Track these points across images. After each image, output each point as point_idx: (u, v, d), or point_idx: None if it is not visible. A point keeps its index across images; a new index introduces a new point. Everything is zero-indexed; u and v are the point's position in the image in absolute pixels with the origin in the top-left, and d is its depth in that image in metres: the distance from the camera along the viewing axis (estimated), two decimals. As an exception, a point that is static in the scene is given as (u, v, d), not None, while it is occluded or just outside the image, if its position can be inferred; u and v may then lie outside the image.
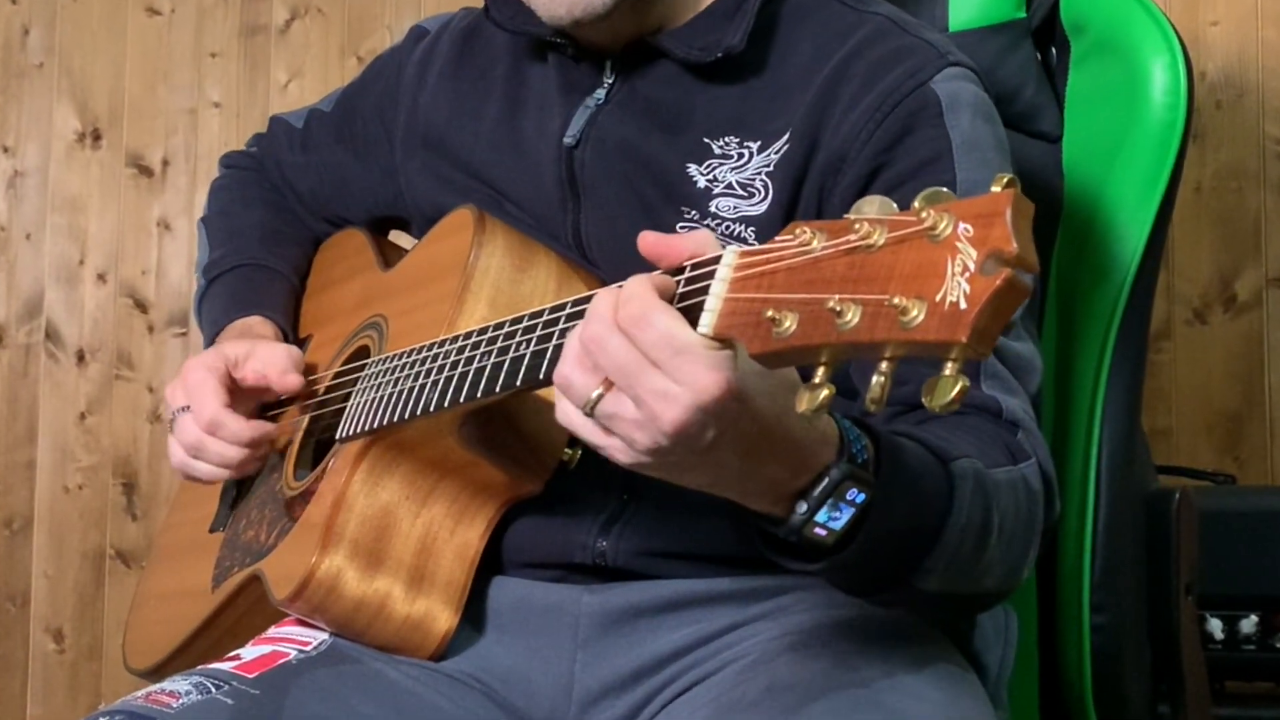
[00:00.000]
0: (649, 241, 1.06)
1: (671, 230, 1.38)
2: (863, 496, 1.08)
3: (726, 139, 1.40)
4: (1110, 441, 1.62)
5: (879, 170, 1.35)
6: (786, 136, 1.38)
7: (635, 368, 1.01)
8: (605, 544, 1.38)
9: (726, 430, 1.02)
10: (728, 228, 1.38)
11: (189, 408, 1.51)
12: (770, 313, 0.91)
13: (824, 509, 1.08)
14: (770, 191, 1.38)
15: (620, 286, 1.05)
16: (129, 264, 3.01)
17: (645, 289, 1.02)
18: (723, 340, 0.98)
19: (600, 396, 1.02)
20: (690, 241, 1.04)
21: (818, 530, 1.09)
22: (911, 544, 1.14)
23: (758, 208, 1.38)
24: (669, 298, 1.03)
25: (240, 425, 1.51)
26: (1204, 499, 1.79)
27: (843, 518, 1.08)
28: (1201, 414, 2.47)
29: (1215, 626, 2.00)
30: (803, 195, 1.38)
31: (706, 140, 1.41)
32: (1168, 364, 2.47)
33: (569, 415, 1.07)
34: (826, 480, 1.07)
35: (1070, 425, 1.65)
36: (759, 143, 1.39)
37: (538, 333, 1.18)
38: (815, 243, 0.92)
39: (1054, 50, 1.74)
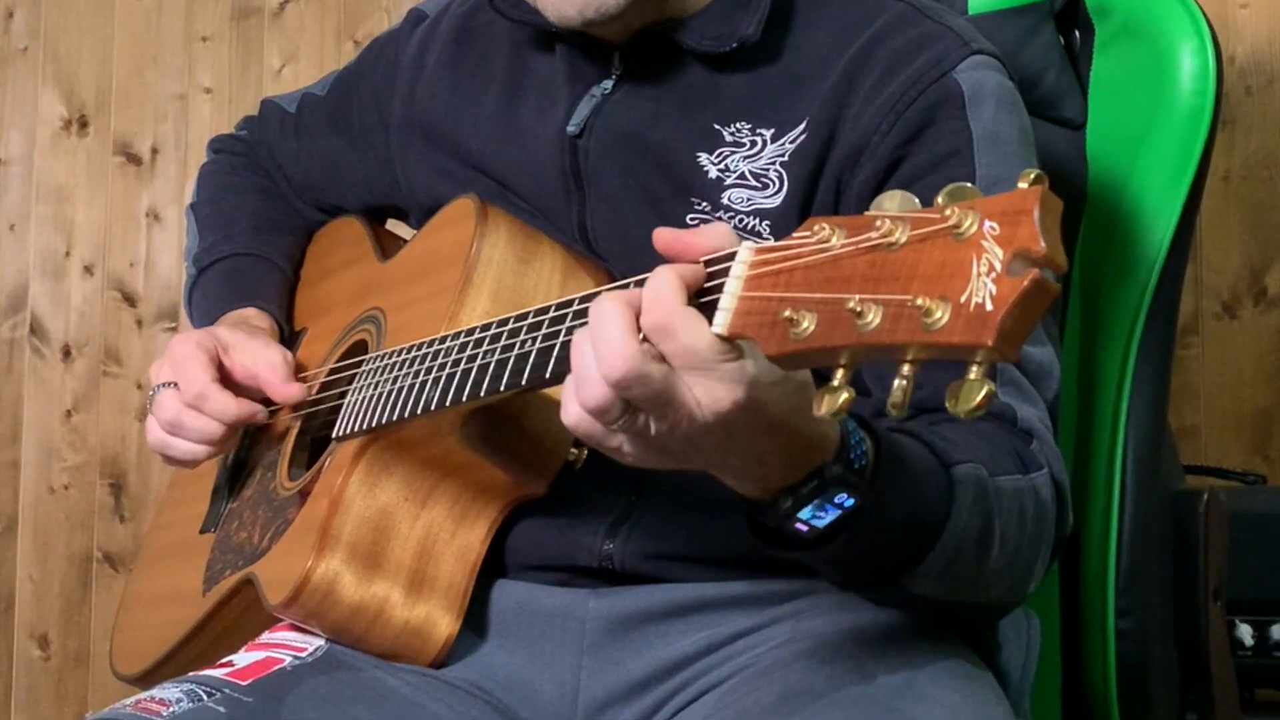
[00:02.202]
0: (665, 238, 1.06)
1: (681, 223, 1.38)
2: (851, 501, 1.09)
3: (738, 125, 1.40)
4: (1136, 440, 1.62)
5: (898, 163, 1.35)
6: (803, 126, 1.38)
7: (666, 396, 1.01)
8: (612, 546, 1.38)
9: (734, 434, 1.03)
10: (741, 220, 1.38)
11: (174, 384, 1.50)
12: (788, 312, 0.91)
13: (809, 507, 1.09)
14: (785, 183, 1.38)
15: (638, 284, 1.05)
16: (117, 256, 3.01)
17: (671, 292, 1.01)
18: (738, 339, 0.98)
19: (624, 412, 1.03)
20: (708, 238, 1.04)
21: (799, 525, 1.10)
22: (903, 547, 1.15)
23: (772, 200, 1.38)
24: (696, 288, 1.02)
25: (227, 401, 1.49)
26: (1233, 500, 1.78)
27: (826, 518, 1.09)
28: (1230, 411, 2.47)
29: (1245, 632, 2.00)
30: (819, 188, 1.37)
31: (717, 127, 1.41)
32: (1195, 359, 2.48)
33: (573, 417, 1.07)
34: (815, 481, 1.08)
35: (1094, 423, 1.65)
36: (772, 130, 1.39)
37: (544, 329, 1.18)
38: (835, 240, 0.92)
39: (1077, 34, 1.74)
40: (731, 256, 0.99)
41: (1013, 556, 1.23)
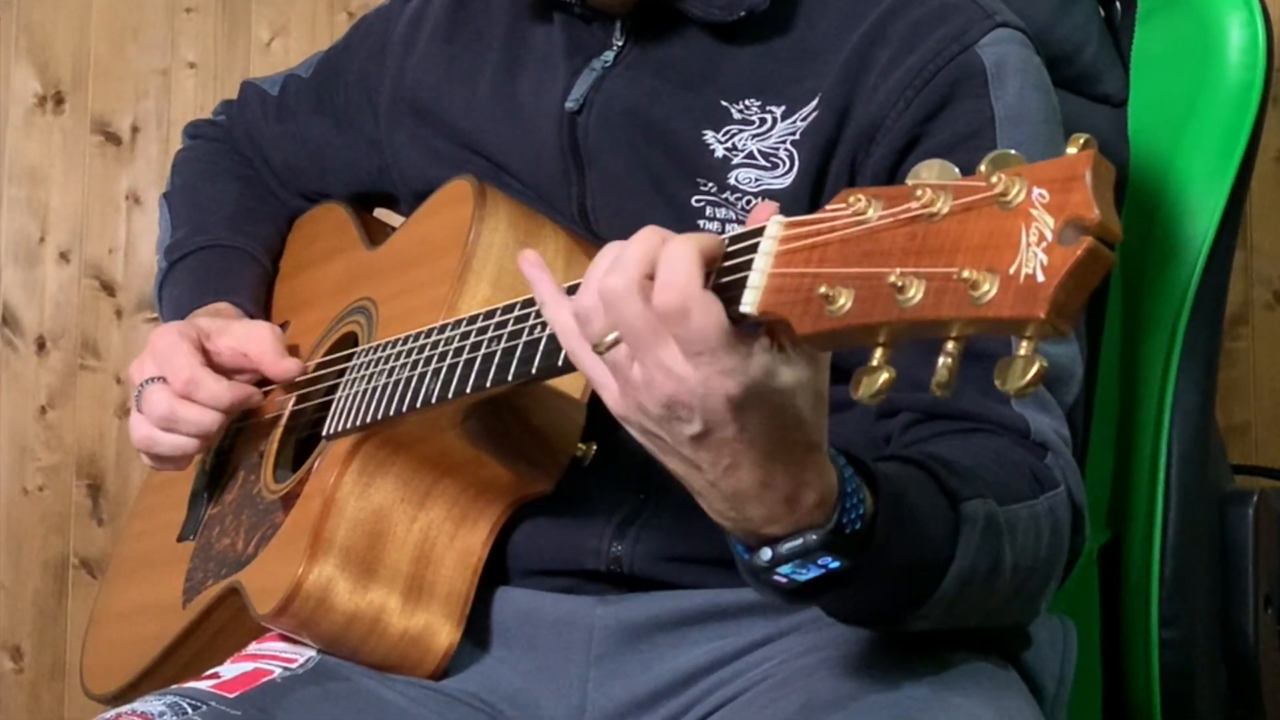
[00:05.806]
0: None
1: (686, 205, 1.39)
2: (836, 564, 1.09)
3: (747, 102, 1.41)
4: (1181, 438, 1.63)
5: (915, 142, 1.35)
6: (815, 102, 1.38)
7: (649, 337, 1.01)
8: (620, 548, 1.38)
9: (712, 433, 1.03)
10: (748, 202, 1.38)
11: (159, 378, 1.50)
12: (823, 289, 0.91)
13: (790, 564, 1.09)
14: (796, 162, 1.38)
15: (661, 243, 1.03)
16: (94, 242, 3.02)
17: (689, 272, 1.00)
18: (767, 319, 0.98)
19: (616, 341, 1.03)
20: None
21: (777, 578, 1.10)
22: (901, 593, 1.16)
23: (782, 180, 1.38)
24: (714, 260, 1.01)
25: (220, 386, 1.50)
26: (1285, 501, 1.79)
27: (808, 575, 1.10)
28: (1283, 408, 2.47)
29: (1297, 642, 2.00)
30: (831, 168, 1.38)
31: (724, 103, 1.41)
32: (1245, 352, 2.47)
33: (571, 344, 1.08)
34: (800, 541, 1.08)
35: (1137, 421, 1.65)
36: (783, 108, 1.39)
37: None
38: (871, 211, 0.92)
39: (1118, 5, 1.74)
40: (760, 231, 0.99)
41: (1023, 583, 1.24)
